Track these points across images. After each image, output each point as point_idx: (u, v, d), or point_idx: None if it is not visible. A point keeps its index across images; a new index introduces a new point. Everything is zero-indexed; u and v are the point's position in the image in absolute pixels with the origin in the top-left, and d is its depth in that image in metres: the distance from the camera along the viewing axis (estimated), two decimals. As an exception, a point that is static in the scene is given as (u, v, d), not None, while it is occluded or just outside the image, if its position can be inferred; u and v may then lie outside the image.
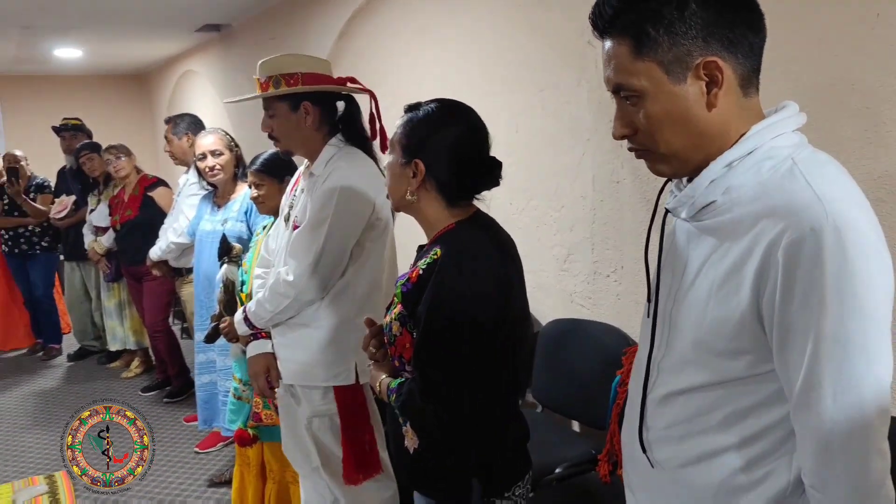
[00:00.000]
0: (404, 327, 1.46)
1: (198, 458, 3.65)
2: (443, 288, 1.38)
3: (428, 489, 1.53)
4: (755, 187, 0.93)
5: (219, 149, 3.22)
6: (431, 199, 1.48)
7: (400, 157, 1.48)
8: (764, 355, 0.92)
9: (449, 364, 1.39)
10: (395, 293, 1.50)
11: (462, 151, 1.46)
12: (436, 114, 1.47)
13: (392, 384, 1.49)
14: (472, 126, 1.49)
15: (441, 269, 1.40)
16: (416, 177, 1.46)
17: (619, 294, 2.57)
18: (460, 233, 1.47)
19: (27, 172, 5.39)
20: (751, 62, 0.96)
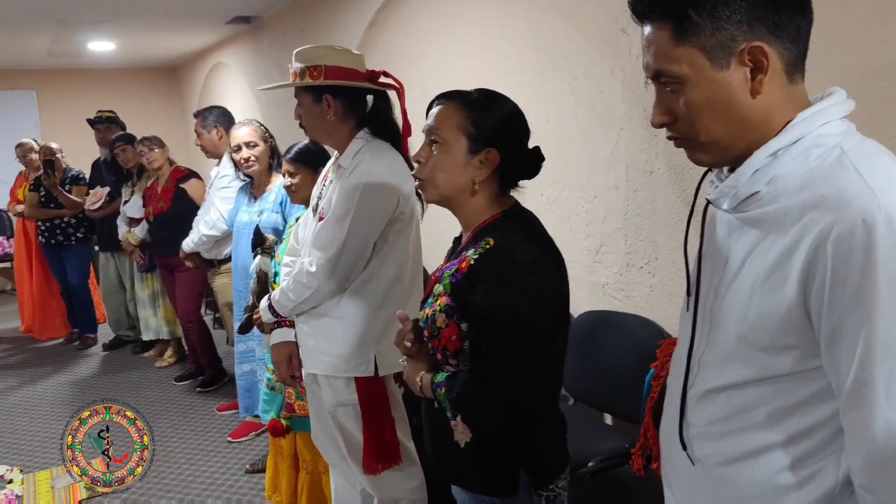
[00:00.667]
0: (451, 319, 1.43)
1: (231, 446, 3.69)
2: (504, 278, 1.37)
3: (476, 484, 1.50)
4: (801, 177, 0.90)
5: (253, 140, 3.24)
6: (486, 190, 1.47)
7: (465, 146, 1.44)
8: (811, 351, 0.89)
9: (509, 355, 1.37)
10: (442, 284, 1.46)
11: (521, 141, 1.47)
12: (499, 102, 1.47)
13: (437, 378, 1.46)
14: (521, 114, 1.49)
15: (498, 258, 1.38)
16: (486, 167, 1.44)
17: (653, 286, 2.53)
18: (510, 223, 1.45)
19: (63, 164, 5.48)
20: (797, 47, 0.92)
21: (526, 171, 1.49)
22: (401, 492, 2.20)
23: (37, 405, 4.51)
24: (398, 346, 1.56)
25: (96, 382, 4.89)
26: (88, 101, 7.01)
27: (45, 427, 4.14)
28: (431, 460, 1.63)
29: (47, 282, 5.87)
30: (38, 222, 5.54)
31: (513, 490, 1.46)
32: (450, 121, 1.45)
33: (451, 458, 1.52)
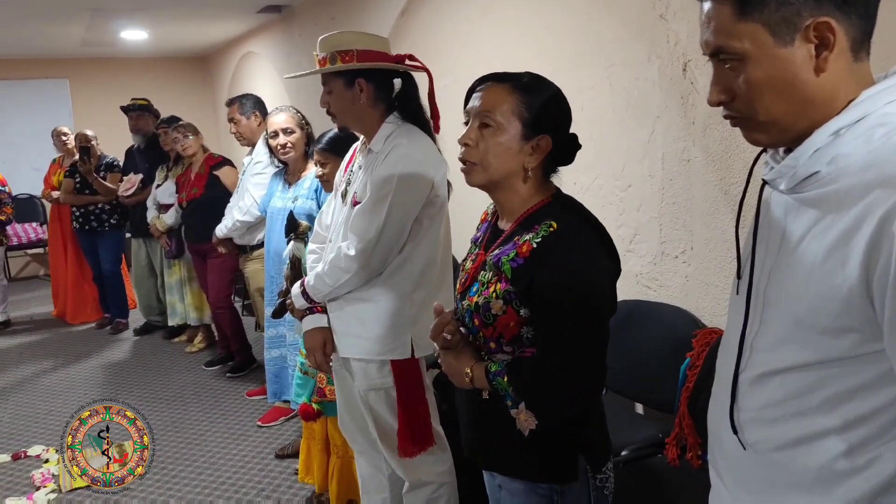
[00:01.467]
0: (509, 305, 1.40)
1: (260, 431, 3.73)
2: (571, 259, 1.36)
3: (535, 473, 1.48)
4: (865, 156, 0.88)
5: (290, 126, 3.25)
6: (534, 176, 1.46)
7: (519, 131, 1.42)
8: (873, 334, 0.86)
9: (586, 336, 1.37)
10: (492, 270, 1.44)
11: (566, 128, 1.47)
12: (552, 88, 1.46)
13: (494, 367, 1.42)
14: (566, 100, 1.49)
15: (567, 240, 1.37)
16: (538, 153, 1.43)
17: (688, 275, 2.50)
18: (564, 207, 1.45)
19: (97, 152, 5.56)
20: (865, 24, 0.90)
21: (566, 158, 1.49)
22: (431, 475, 2.22)
23: (71, 387, 4.59)
24: (434, 340, 1.53)
25: (128, 366, 4.96)
26: (120, 90, 7.09)
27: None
28: (473, 452, 1.60)
29: (80, 267, 5.96)
30: (73, 208, 5.62)
31: (573, 475, 1.45)
32: (504, 104, 1.42)
33: (502, 449, 1.50)
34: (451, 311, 1.53)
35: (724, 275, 2.35)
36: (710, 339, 2.18)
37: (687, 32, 2.32)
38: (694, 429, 2.14)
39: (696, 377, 2.16)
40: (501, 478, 1.56)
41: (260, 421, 3.80)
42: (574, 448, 1.46)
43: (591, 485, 1.48)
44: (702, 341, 2.20)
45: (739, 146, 2.22)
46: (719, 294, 2.37)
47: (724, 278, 2.35)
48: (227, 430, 3.76)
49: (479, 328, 1.46)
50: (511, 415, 1.41)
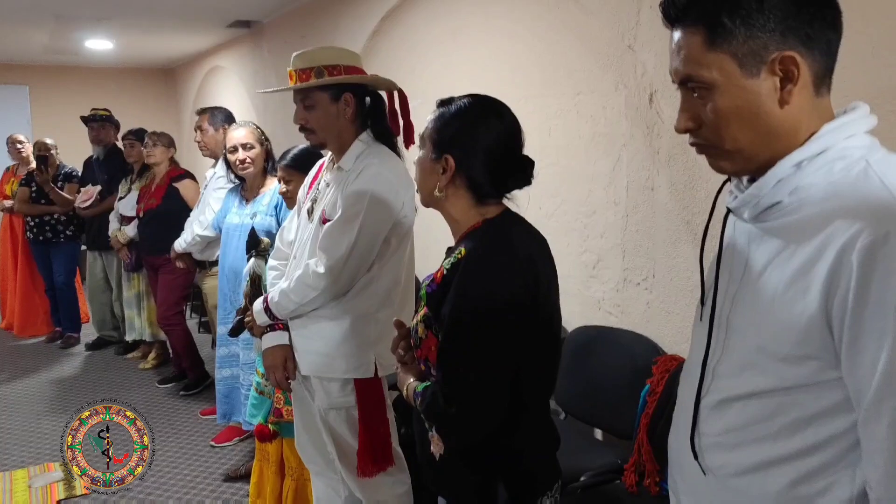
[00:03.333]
0: (429, 330, 1.42)
1: (213, 451, 3.64)
2: (466, 287, 1.35)
3: (454, 495, 1.50)
4: (825, 188, 0.90)
5: (250, 142, 3.22)
6: (460, 197, 1.45)
7: (430, 153, 1.45)
8: (831, 362, 0.88)
9: (473, 367, 1.34)
10: (419, 295, 1.46)
11: (493, 148, 1.42)
12: (468, 109, 1.44)
13: (418, 388, 1.45)
14: (505, 122, 1.45)
15: (465, 268, 1.36)
16: (446, 173, 1.43)
17: (650, 302, 2.53)
18: (487, 231, 1.43)
19: (56, 161, 5.43)
20: (826, 61, 0.93)
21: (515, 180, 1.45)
22: (389, 497, 2.19)
23: (16, 403, 4.43)
24: (393, 353, 1.56)
25: (78, 382, 4.81)
26: (82, 100, 6.96)
27: (23, 426, 4.06)
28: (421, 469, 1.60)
29: (32, 279, 5.79)
30: (27, 218, 5.47)
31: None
32: (427, 127, 1.48)
33: (431, 467, 1.50)
34: (408, 327, 1.54)
35: (685, 303, 2.38)
36: (671, 365, 2.21)
37: (654, 63, 2.37)
38: (653, 455, 2.15)
39: (655, 403, 2.18)
40: None
41: (214, 440, 3.71)
42: (494, 476, 1.43)
43: None
44: (662, 368, 2.22)
45: (703, 177, 2.26)
46: (680, 322, 2.40)
47: (684, 306, 2.38)
48: (178, 450, 3.66)
49: (414, 349, 1.49)
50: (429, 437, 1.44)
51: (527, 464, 1.45)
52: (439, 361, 1.39)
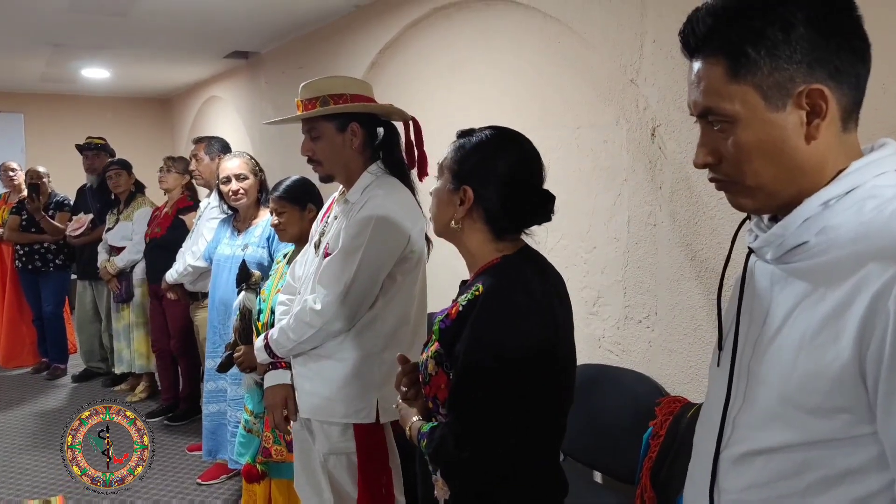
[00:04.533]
0: (440, 367, 1.36)
1: (200, 489, 3.52)
2: (483, 326, 1.29)
3: None
4: (856, 228, 0.84)
5: (243, 173, 3.17)
6: (477, 230, 1.40)
7: (448, 183, 1.41)
8: (864, 415, 0.81)
9: (487, 409, 1.29)
10: (433, 330, 1.41)
11: (514, 181, 1.38)
12: (489, 140, 1.40)
13: (423, 428, 1.39)
14: (527, 155, 1.41)
15: (482, 306, 1.31)
16: (464, 204, 1.38)
17: (652, 341, 2.46)
18: (505, 268, 1.37)
19: (48, 189, 5.37)
20: (855, 95, 0.88)
21: (535, 215, 1.41)
22: (389, 547, 2.08)
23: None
24: (396, 390, 1.50)
25: (63, 415, 4.68)
26: (77, 128, 6.91)
27: (3, 461, 3.93)
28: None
29: (19, 308, 5.68)
30: (17, 246, 5.40)
31: None
32: (446, 157, 1.45)
33: None
34: (413, 363, 1.49)
35: (688, 342, 2.31)
36: (674, 408, 2.13)
37: (657, 98, 2.34)
38: (656, 501, 2.06)
39: (658, 447, 2.10)
40: None
41: (200, 478, 3.59)
42: None
43: None
44: (665, 410, 2.15)
45: (707, 212, 2.21)
46: (683, 361, 2.34)
47: (688, 345, 2.32)
48: (164, 486, 3.55)
49: (422, 385, 1.43)
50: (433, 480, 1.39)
51: None
52: (452, 403, 1.33)
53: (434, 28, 3.61)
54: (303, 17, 4.45)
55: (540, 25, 2.88)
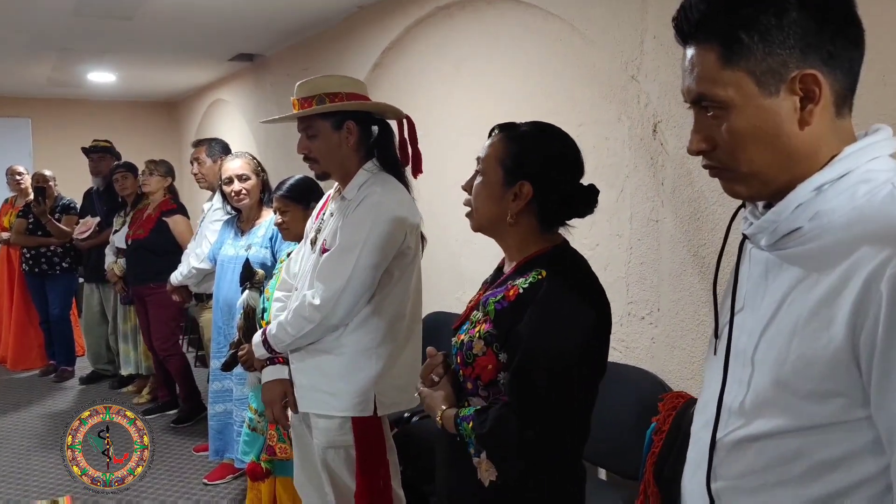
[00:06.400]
0: (489, 347, 1.39)
1: (206, 489, 3.53)
2: (553, 310, 1.33)
3: None
4: (849, 213, 0.84)
5: (246, 173, 3.18)
6: (528, 224, 1.43)
7: (501, 178, 1.42)
8: (858, 399, 0.81)
9: (552, 391, 1.31)
10: (482, 310, 1.43)
11: (568, 177, 1.43)
12: (545, 136, 1.44)
13: (463, 412, 1.41)
14: (574, 150, 1.46)
15: (550, 290, 1.33)
16: (519, 200, 1.40)
17: (655, 337, 2.46)
18: (563, 257, 1.42)
19: (54, 192, 5.40)
20: (848, 80, 0.88)
21: (573, 210, 1.45)
22: (388, 541, 2.09)
23: (6, 438, 4.33)
24: (424, 379, 1.53)
25: (70, 417, 4.61)
26: (84, 132, 6.94)
27: (13, 461, 3.96)
28: (441, 496, 1.55)
29: (27, 311, 5.72)
30: (24, 249, 5.43)
31: None
32: (492, 152, 1.45)
33: (469, 497, 1.45)
34: (443, 353, 1.53)
35: (691, 337, 2.31)
36: (677, 403, 2.12)
37: (658, 94, 2.34)
38: (659, 497, 2.06)
39: (662, 443, 2.09)
40: None
41: (206, 478, 3.61)
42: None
43: None
44: (668, 405, 2.14)
45: (709, 208, 2.21)
46: (686, 357, 2.33)
47: (691, 341, 2.31)
48: (170, 487, 3.56)
49: (460, 366, 1.45)
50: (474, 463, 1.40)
51: (567, 496, 1.44)
52: (515, 382, 1.34)
53: (437, 27, 3.62)
54: (307, 18, 4.47)
55: (541, 23, 2.88)
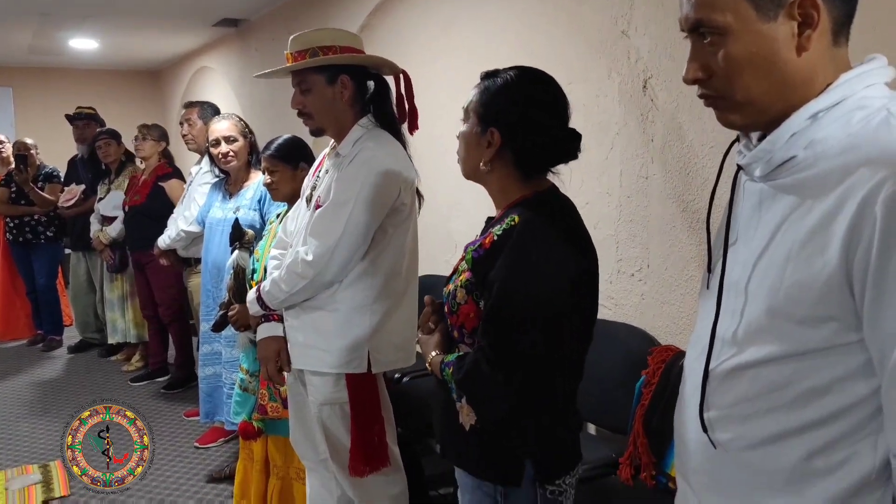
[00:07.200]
0: (470, 295, 1.39)
1: (197, 453, 3.55)
2: (522, 254, 1.32)
3: (478, 469, 1.45)
4: (844, 140, 0.84)
5: (233, 135, 3.15)
6: (506, 171, 1.42)
7: (476, 126, 1.41)
8: (851, 323, 0.82)
9: (521, 335, 1.32)
10: (464, 259, 1.43)
11: (541, 122, 1.39)
12: (515, 81, 1.40)
13: (447, 358, 1.43)
14: (552, 94, 1.43)
15: (520, 235, 1.33)
16: (492, 147, 1.39)
17: (644, 294, 2.47)
18: (541, 200, 1.41)
19: (36, 161, 5.33)
20: (846, 7, 0.88)
21: (552, 155, 1.43)
22: (383, 497, 2.10)
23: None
24: (422, 327, 1.54)
25: (59, 385, 4.70)
26: (67, 102, 6.80)
27: (4, 428, 3.96)
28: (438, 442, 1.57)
29: (12, 281, 5.67)
30: (7, 219, 5.37)
31: (515, 481, 1.39)
32: (471, 100, 1.44)
33: (456, 441, 1.46)
34: (439, 301, 1.53)
35: (680, 293, 2.32)
36: (666, 356, 2.15)
37: (649, 48, 2.32)
38: (648, 448, 2.08)
39: (651, 395, 2.12)
40: (457, 469, 1.52)
41: (198, 442, 3.62)
42: (521, 453, 1.40)
43: (540, 495, 1.41)
44: (657, 358, 2.16)
45: (698, 163, 2.21)
46: (675, 312, 2.35)
47: (679, 296, 2.33)
48: (161, 451, 3.57)
49: (448, 315, 1.46)
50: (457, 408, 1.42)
51: (552, 443, 1.43)
52: (486, 327, 1.35)
53: (424, -12, 3.58)
54: (292, -20, 4.40)
55: (531, -20, 2.85)
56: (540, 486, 1.40)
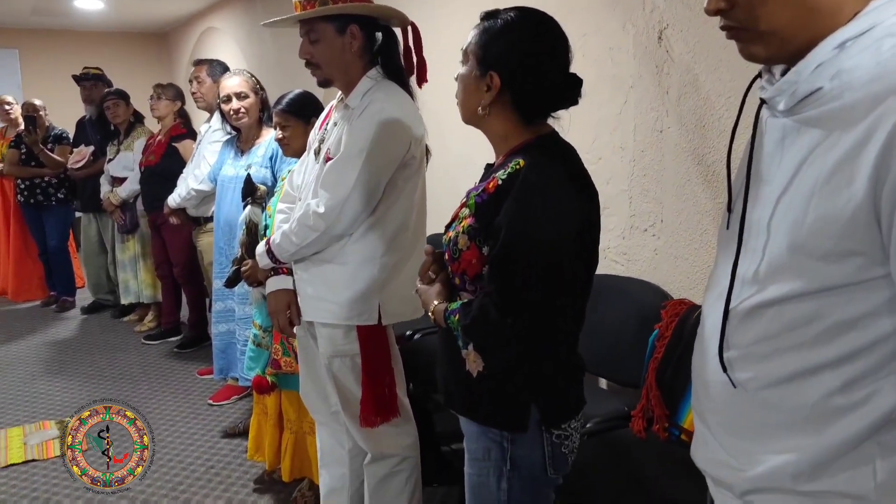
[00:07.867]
0: (473, 241, 1.37)
1: (211, 410, 3.59)
2: (529, 198, 1.29)
3: (485, 416, 1.44)
4: (874, 69, 0.81)
5: (244, 91, 3.12)
6: (506, 115, 1.39)
7: (474, 69, 1.38)
8: (877, 257, 0.80)
9: (529, 280, 1.30)
10: (466, 204, 1.40)
11: (541, 66, 1.35)
12: (515, 23, 1.36)
13: (452, 306, 1.41)
14: (553, 37, 1.38)
15: (527, 178, 1.30)
16: (491, 90, 1.36)
17: (657, 249, 2.45)
18: (546, 145, 1.38)
19: (45, 122, 5.32)
20: None
21: (553, 100, 1.40)
22: (394, 448, 2.12)
23: (11, 365, 4.38)
24: (421, 277, 1.52)
25: (73, 345, 4.75)
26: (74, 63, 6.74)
27: (19, 386, 4.01)
28: (441, 391, 1.56)
29: (25, 243, 5.70)
30: (18, 181, 5.38)
31: (522, 426, 1.39)
32: (470, 43, 1.41)
33: (461, 389, 1.46)
34: (439, 251, 1.51)
35: (693, 248, 2.30)
36: (680, 309, 2.13)
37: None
38: (661, 400, 2.09)
39: (664, 348, 2.11)
40: (462, 418, 1.52)
41: (211, 399, 3.67)
42: (527, 398, 1.39)
43: (546, 439, 1.42)
44: (671, 312, 2.15)
45: (714, 114, 2.17)
46: (689, 267, 2.33)
47: (693, 251, 2.31)
48: (175, 409, 3.62)
49: (448, 262, 1.44)
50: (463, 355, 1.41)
51: (556, 388, 1.42)
52: (493, 272, 1.33)
53: (434, -60, 3.50)
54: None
55: (544, -70, 2.78)
56: (546, 430, 1.40)
